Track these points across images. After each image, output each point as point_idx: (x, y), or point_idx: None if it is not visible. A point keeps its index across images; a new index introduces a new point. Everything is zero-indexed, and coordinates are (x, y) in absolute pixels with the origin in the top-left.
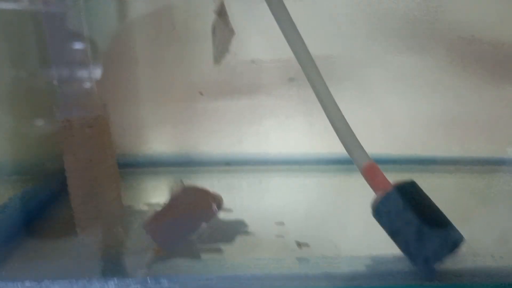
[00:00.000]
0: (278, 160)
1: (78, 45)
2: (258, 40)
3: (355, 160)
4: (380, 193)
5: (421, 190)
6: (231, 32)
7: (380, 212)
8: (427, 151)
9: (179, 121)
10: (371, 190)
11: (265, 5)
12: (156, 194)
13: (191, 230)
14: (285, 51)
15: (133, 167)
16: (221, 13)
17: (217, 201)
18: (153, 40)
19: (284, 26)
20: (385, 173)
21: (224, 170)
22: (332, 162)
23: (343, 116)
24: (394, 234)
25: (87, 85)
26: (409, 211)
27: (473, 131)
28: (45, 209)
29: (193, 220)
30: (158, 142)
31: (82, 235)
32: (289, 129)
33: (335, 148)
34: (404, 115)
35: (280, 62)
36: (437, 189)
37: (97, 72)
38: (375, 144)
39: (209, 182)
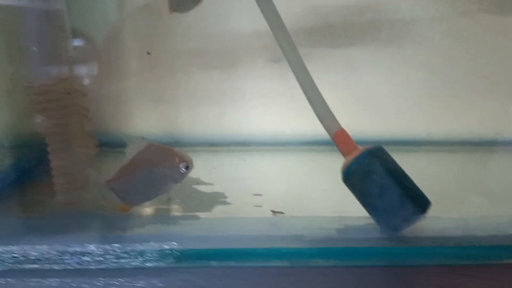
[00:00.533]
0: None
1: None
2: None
3: (326, 128)
4: (349, 157)
5: (388, 155)
6: None
7: (349, 175)
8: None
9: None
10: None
11: None
12: None
13: (157, 188)
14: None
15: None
16: None
17: (185, 160)
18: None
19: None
20: None
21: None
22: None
23: (315, 86)
24: (362, 197)
25: (66, 55)
26: (377, 174)
27: None
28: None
29: (159, 178)
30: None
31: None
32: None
33: None
34: None
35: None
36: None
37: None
38: None
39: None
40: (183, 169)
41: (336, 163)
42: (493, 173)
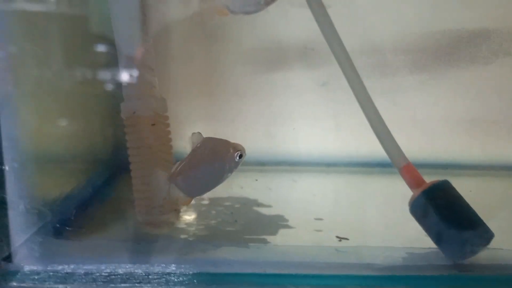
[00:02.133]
0: None
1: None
2: None
3: (393, 161)
4: (416, 191)
5: (454, 189)
6: None
7: (417, 208)
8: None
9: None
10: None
11: None
12: None
13: (215, 179)
14: None
15: None
16: None
17: (239, 149)
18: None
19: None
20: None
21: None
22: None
23: (382, 120)
24: (429, 228)
25: (150, 84)
26: (443, 207)
27: None
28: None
29: (217, 169)
30: None
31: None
32: None
33: None
34: None
35: None
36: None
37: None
38: None
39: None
40: (237, 158)
41: (387, 186)
42: None
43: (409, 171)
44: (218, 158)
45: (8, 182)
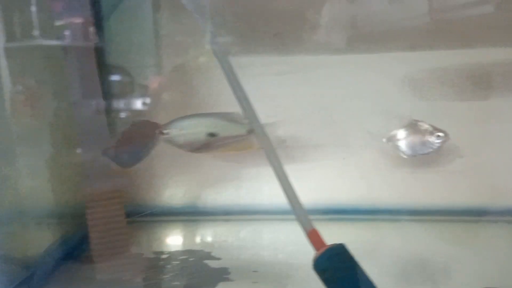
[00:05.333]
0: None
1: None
2: None
3: (301, 225)
4: (317, 253)
5: (347, 252)
6: None
7: (316, 268)
8: None
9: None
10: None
11: None
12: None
13: (143, 153)
14: None
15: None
16: None
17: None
18: None
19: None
20: None
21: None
22: None
23: (293, 188)
24: (325, 285)
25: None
26: (334, 269)
27: None
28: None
29: (143, 145)
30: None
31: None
32: None
33: None
34: None
35: None
36: None
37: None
38: None
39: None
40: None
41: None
42: None
43: (313, 235)
44: (146, 139)
45: None
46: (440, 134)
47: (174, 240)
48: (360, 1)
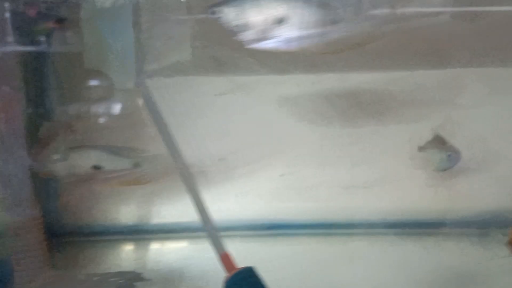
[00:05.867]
0: None
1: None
2: None
3: (215, 248)
4: (227, 276)
5: (255, 276)
6: None
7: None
8: None
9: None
10: None
11: None
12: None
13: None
14: None
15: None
16: None
17: None
18: None
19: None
20: None
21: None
22: None
23: (208, 214)
24: None
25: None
26: None
27: None
28: None
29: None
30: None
31: None
32: None
33: None
34: None
35: None
36: None
37: None
38: None
39: None
40: None
41: None
42: None
43: (225, 258)
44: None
45: None
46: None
47: (109, 260)
48: None
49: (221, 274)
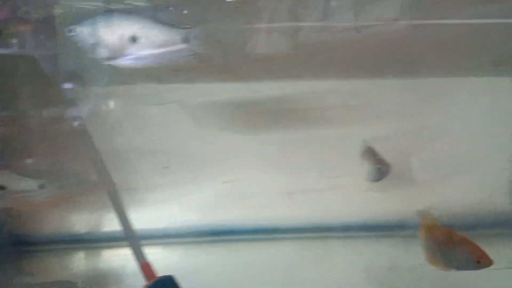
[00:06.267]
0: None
1: None
2: None
3: (136, 258)
4: (146, 284)
5: (175, 283)
6: None
7: None
8: None
9: None
10: None
11: None
12: None
13: None
14: None
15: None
16: None
17: None
18: None
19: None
20: None
21: None
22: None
23: (131, 224)
24: None
25: None
26: None
27: None
28: None
29: None
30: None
31: None
32: None
33: None
34: None
35: None
36: None
37: None
38: None
39: None
40: None
41: None
42: None
43: (145, 267)
44: None
45: None
46: None
47: (50, 269)
48: None
49: None
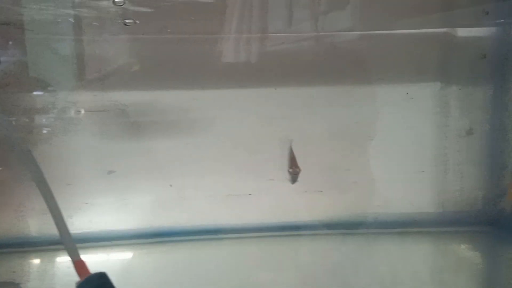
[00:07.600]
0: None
1: None
2: None
3: (70, 255)
4: (79, 281)
5: (107, 280)
6: None
7: None
8: None
9: None
10: None
11: None
12: None
13: None
14: None
15: None
16: None
17: None
18: None
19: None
20: None
21: None
22: None
23: (64, 222)
24: None
25: None
26: None
27: None
28: None
29: None
30: None
31: None
32: None
33: None
34: None
35: None
36: None
37: None
38: None
39: None
40: None
41: None
42: None
43: (78, 265)
44: None
45: None
46: None
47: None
48: None
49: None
